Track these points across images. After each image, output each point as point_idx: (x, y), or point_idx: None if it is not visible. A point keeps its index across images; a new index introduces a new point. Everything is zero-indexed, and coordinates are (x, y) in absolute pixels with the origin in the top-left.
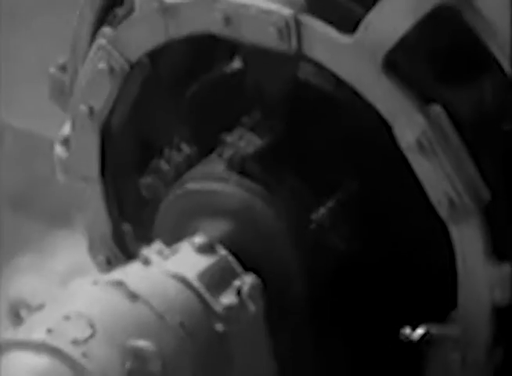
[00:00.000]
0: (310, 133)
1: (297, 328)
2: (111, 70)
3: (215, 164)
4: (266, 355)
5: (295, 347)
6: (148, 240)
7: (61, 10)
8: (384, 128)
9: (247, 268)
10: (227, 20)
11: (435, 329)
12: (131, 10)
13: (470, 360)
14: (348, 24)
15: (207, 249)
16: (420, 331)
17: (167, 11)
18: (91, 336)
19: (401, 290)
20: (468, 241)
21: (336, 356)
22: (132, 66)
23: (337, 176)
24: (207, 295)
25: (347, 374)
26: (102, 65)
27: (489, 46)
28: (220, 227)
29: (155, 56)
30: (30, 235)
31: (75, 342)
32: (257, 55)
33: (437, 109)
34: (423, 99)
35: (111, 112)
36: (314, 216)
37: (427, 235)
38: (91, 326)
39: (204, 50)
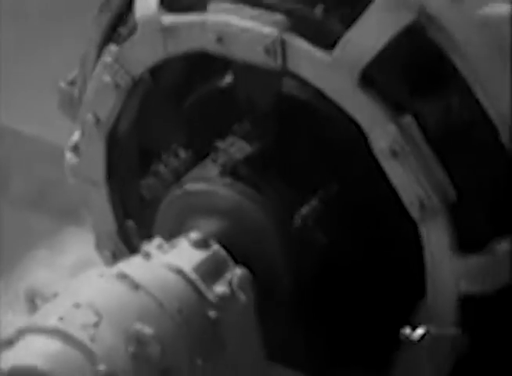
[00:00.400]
0: (295, 141)
1: (285, 320)
2: (117, 85)
3: (210, 169)
4: (256, 343)
5: (284, 337)
6: (149, 238)
7: (61, 19)
8: (362, 137)
9: (238, 262)
10: (219, 39)
11: (434, 329)
12: (133, 29)
13: (436, 349)
14: (328, 41)
15: (201, 244)
16: (419, 331)
17: (166, 31)
18: (98, 322)
19: (380, 283)
20: (435, 237)
21: (322, 345)
22: (135, 82)
23: (319, 179)
24: (201, 285)
25: (332, 362)
26: (107, 80)
27: (453, 60)
28: (214, 225)
29: (155, 71)
30: (41, 232)
31: (84, 328)
32: (246, 71)
33: (408, 119)
34: (396, 110)
35: (116, 121)
36: (298, 215)
37: (400, 234)
38: (98, 313)
39: (200, 66)
